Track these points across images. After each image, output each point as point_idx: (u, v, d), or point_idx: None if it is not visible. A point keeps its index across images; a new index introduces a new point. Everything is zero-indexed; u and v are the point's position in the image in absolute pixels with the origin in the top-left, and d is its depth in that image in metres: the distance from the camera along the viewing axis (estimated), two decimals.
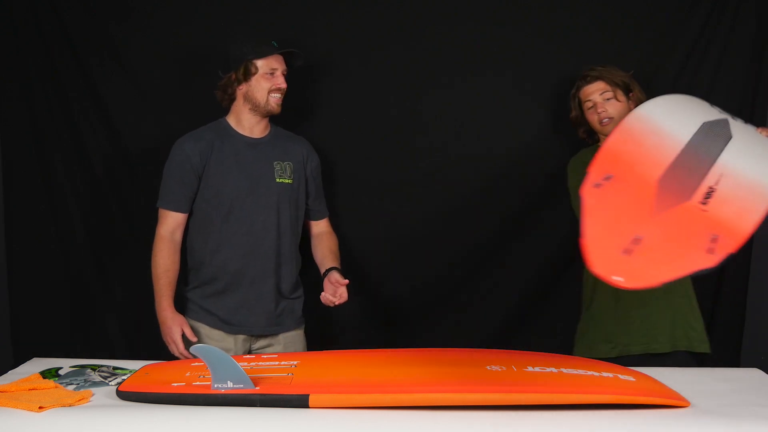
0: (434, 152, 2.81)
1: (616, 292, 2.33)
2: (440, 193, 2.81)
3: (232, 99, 2.49)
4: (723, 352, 2.81)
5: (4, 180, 2.86)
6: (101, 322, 2.87)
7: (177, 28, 2.77)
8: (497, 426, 1.62)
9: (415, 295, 2.88)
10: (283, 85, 2.45)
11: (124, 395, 1.77)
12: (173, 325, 2.38)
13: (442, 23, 2.77)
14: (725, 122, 2.07)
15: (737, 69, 2.73)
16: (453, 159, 2.81)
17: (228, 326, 2.45)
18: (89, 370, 2.02)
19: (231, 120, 2.50)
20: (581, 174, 2.17)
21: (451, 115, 2.82)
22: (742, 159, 1.88)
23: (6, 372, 2.01)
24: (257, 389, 1.71)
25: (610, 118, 2.39)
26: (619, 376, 1.82)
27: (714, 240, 1.55)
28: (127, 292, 2.87)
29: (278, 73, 2.44)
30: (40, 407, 1.69)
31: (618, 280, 1.46)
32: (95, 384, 1.89)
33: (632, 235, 1.56)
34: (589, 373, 1.81)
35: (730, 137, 1.98)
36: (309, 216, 2.63)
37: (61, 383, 1.88)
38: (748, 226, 1.60)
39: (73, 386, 1.87)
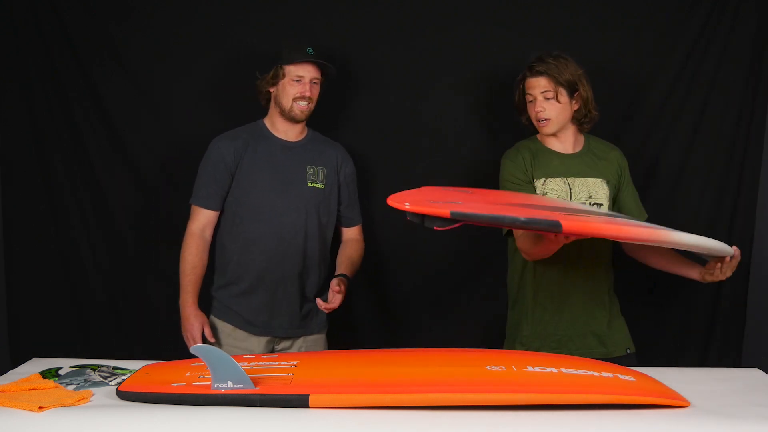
0: (434, 153, 2.82)
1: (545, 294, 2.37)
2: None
3: (267, 100, 2.50)
4: (723, 352, 2.82)
5: (3, 180, 2.86)
6: (101, 322, 2.88)
7: (177, 28, 2.77)
8: (497, 426, 1.62)
9: (415, 295, 2.88)
10: (308, 93, 2.43)
11: (124, 395, 1.77)
12: (195, 322, 2.38)
13: (442, 23, 2.77)
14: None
15: (737, 69, 2.73)
16: (453, 159, 2.81)
17: (251, 327, 2.46)
18: (89, 370, 2.02)
19: (267, 122, 2.52)
20: (517, 168, 2.33)
21: (451, 116, 2.82)
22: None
23: (6, 372, 2.01)
24: (257, 389, 1.71)
25: (547, 119, 2.32)
26: (619, 376, 1.81)
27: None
28: (127, 292, 2.87)
29: (305, 80, 2.42)
30: (40, 407, 1.69)
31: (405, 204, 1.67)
32: (95, 384, 1.89)
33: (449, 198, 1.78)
34: (589, 373, 1.81)
35: None
36: (340, 222, 2.62)
37: (61, 383, 1.88)
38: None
39: (73, 386, 1.87)
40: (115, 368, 2.05)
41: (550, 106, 2.31)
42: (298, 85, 2.42)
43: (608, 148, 2.44)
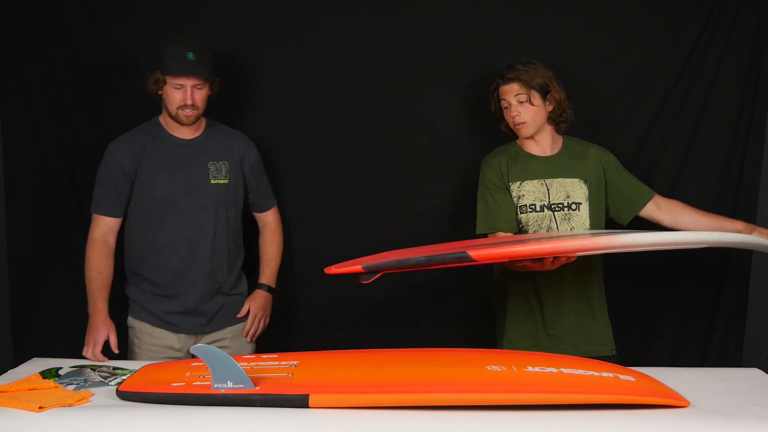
0: (432, 154, 2.81)
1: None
2: (439, 192, 2.81)
3: (160, 97, 2.44)
4: (723, 352, 2.82)
5: (5, 180, 2.86)
6: None
7: (177, 28, 2.76)
8: (497, 426, 1.62)
9: (414, 295, 2.88)
10: (190, 101, 2.36)
11: (124, 395, 1.77)
12: (102, 327, 2.31)
13: (442, 24, 2.77)
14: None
15: (737, 69, 2.73)
16: (453, 160, 2.81)
17: (170, 326, 2.47)
18: (89, 370, 2.02)
19: (162, 120, 2.48)
20: (493, 173, 2.42)
21: (450, 117, 2.82)
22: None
23: (6, 372, 2.01)
24: (257, 389, 1.71)
25: (523, 122, 2.39)
26: (619, 376, 1.82)
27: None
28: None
29: (187, 87, 2.35)
30: (40, 407, 1.69)
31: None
32: (95, 384, 1.89)
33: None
34: (589, 373, 1.81)
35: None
36: (253, 208, 2.63)
37: (61, 383, 1.88)
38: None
39: (73, 386, 1.87)
40: (115, 368, 2.05)
41: (525, 110, 2.39)
42: (180, 92, 2.36)
43: (586, 147, 2.48)
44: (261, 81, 2.79)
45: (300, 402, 1.68)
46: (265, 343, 2.66)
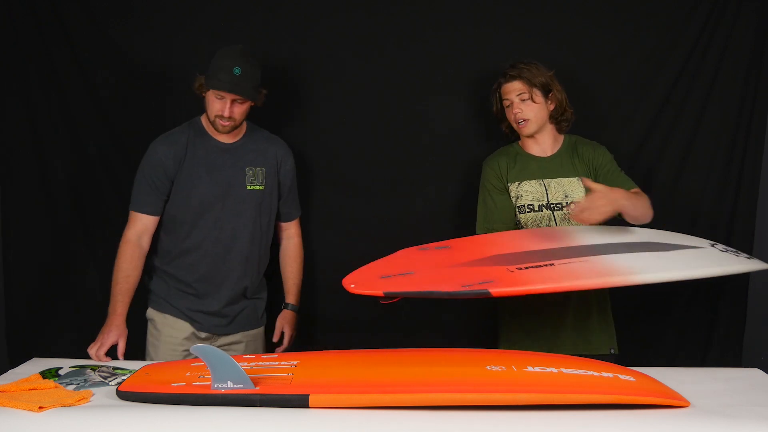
0: (432, 154, 2.81)
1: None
2: (439, 191, 2.81)
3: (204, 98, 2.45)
4: (723, 352, 2.82)
5: (2, 180, 2.86)
6: (101, 323, 2.87)
7: (178, 28, 2.77)
8: (497, 426, 1.62)
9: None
10: (227, 114, 2.36)
11: (124, 395, 1.77)
12: (114, 331, 2.30)
13: (443, 24, 2.77)
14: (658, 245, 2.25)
15: (737, 69, 2.73)
16: (453, 160, 2.81)
17: (193, 321, 2.47)
18: (89, 370, 2.02)
19: (204, 121, 2.48)
20: (492, 174, 2.44)
21: (450, 116, 2.82)
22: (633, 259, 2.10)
23: (6, 372, 2.01)
24: (257, 389, 1.71)
25: (526, 120, 2.40)
26: (619, 376, 1.81)
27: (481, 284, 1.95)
28: None
29: (226, 100, 2.35)
30: (40, 407, 1.69)
31: (351, 286, 1.99)
32: (95, 384, 1.89)
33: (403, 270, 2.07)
34: (589, 373, 1.81)
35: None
36: (278, 217, 2.62)
37: (61, 383, 1.88)
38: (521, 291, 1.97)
39: (73, 386, 1.87)
40: (115, 368, 2.05)
41: (527, 107, 2.40)
42: (219, 102, 2.36)
43: (583, 146, 2.47)
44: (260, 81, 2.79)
45: (300, 402, 1.68)
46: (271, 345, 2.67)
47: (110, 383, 1.90)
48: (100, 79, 2.79)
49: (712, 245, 2.31)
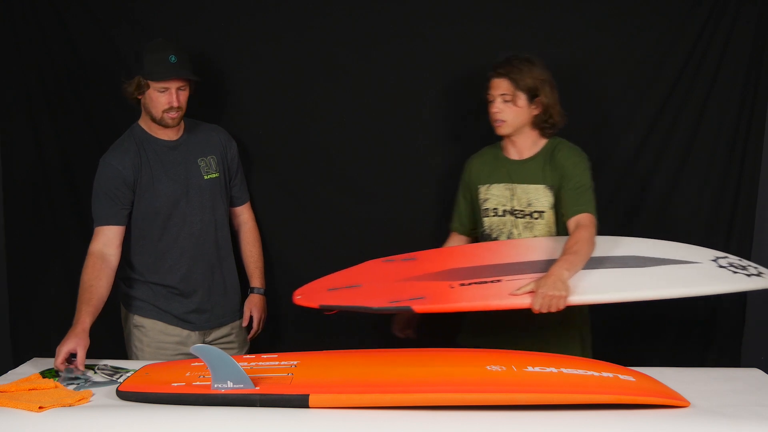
0: (432, 152, 2.81)
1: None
2: (437, 189, 2.81)
3: (138, 101, 2.43)
4: (723, 352, 2.82)
5: (4, 180, 2.85)
6: (101, 323, 2.87)
7: (178, 30, 2.77)
8: (497, 426, 1.62)
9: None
10: (176, 104, 2.35)
11: (124, 395, 1.78)
12: (72, 339, 2.11)
13: (442, 24, 2.77)
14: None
15: (737, 69, 2.72)
16: (452, 159, 2.81)
17: (186, 323, 2.48)
18: (89, 370, 2.02)
19: (143, 124, 2.47)
20: (466, 173, 2.46)
21: (448, 115, 2.81)
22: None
23: (6, 372, 2.01)
24: (257, 389, 1.71)
25: (503, 121, 2.34)
26: (619, 376, 1.82)
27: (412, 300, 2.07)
28: None
29: (171, 90, 2.34)
30: (40, 407, 1.69)
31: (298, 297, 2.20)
32: (95, 384, 1.90)
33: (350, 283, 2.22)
34: (589, 373, 1.81)
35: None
36: (231, 203, 2.64)
37: (61, 383, 1.88)
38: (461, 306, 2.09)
39: (73, 386, 1.87)
40: (115, 368, 2.05)
41: (507, 109, 2.34)
42: (164, 95, 2.34)
43: (561, 152, 2.37)
44: (260, 81, 2.79)
45: (300, 402, 1.69)
46: (266, 345, 2.66)
47: (110, 383, 1.90)
48: (101, 81, 2.78)
49: (715, 259, 2.27)
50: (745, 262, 2.29)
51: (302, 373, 1.83)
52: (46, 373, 1.96)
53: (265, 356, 2.03)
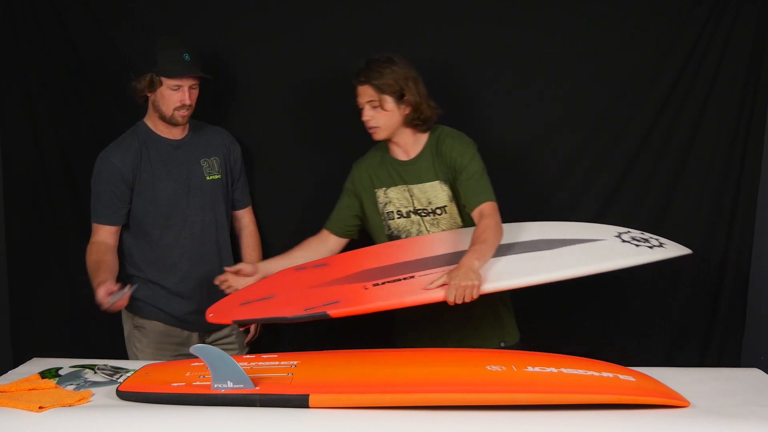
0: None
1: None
2: None
3: (145, 99, 2.43)
4: (723, 352, 2.82)
5: (4, 180, 2.86)
6: (101, 322, 2.87)
7: (178, 29, 2.76)
8: (497, 426, 1.62)
9: None
10: (188, 102, 2.37)
11: (124, 395, 1.78)
12: (102, 286, 2.22)
13: (442, 23, 2.77)
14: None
15: (737, 69, 2.73)
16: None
17: (184, 323, 2.48)
18: (89, 370, 2.02)
19: (149, 123, 2.47)
20: (351, 176, 2.42)
21: (450, 115, 2.81)
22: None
23: (6, 372, 2.01)
24: (257, 389, 1.71)
25: (376, 127, 2.28)
26: (619, 376, 1.82)
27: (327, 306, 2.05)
28: None
29: (184, 88, 2.35)
30: (40, 407, 1.69)
31: (210, 315, 2.15)
32: (95, 384, 1.89)
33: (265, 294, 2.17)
34: (589, 373, 1.81)
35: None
36: (233, 206, 2.64)
37: (60, 383, 1.88)
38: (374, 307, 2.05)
39: (73, 386, 1.87)
40: (115, 368, 2.05)
41: (377, 115, 2.28)
42: (176, 93, 2.35)
43: (446, 143, 2.32)
44: (260, 81, 2.79)
45: (300, 402, 1.69)
46: (266, 345, 2.66)
47: (110, 383, 1.90)
48: (101, 80, 2.78)
49: (618, 234, 2.27)
50: (647, 235, 2.30)
51: (302, 373, 1.83)
52: (46, 373, 1.96)
53: (265, 356, 2.03)
